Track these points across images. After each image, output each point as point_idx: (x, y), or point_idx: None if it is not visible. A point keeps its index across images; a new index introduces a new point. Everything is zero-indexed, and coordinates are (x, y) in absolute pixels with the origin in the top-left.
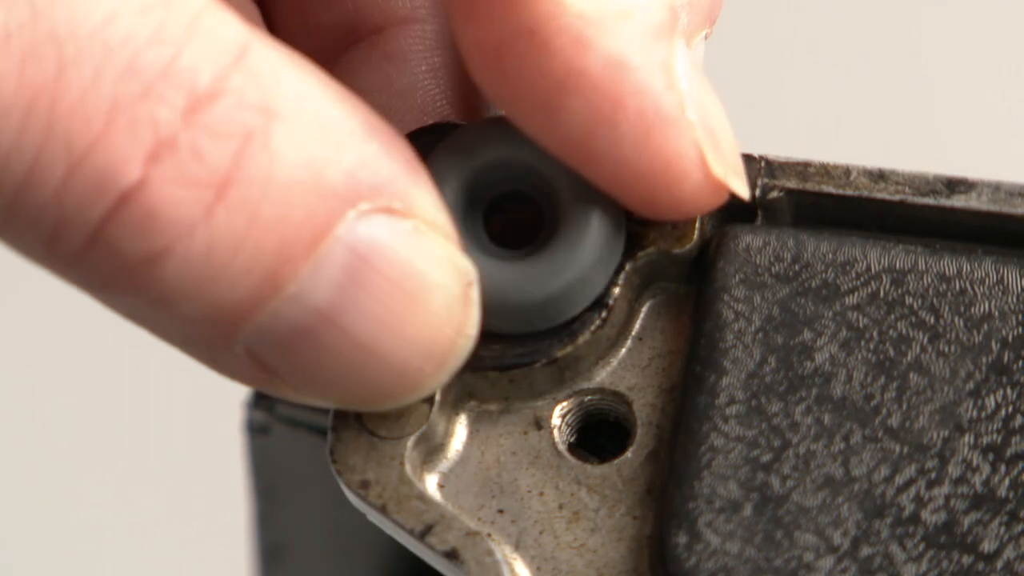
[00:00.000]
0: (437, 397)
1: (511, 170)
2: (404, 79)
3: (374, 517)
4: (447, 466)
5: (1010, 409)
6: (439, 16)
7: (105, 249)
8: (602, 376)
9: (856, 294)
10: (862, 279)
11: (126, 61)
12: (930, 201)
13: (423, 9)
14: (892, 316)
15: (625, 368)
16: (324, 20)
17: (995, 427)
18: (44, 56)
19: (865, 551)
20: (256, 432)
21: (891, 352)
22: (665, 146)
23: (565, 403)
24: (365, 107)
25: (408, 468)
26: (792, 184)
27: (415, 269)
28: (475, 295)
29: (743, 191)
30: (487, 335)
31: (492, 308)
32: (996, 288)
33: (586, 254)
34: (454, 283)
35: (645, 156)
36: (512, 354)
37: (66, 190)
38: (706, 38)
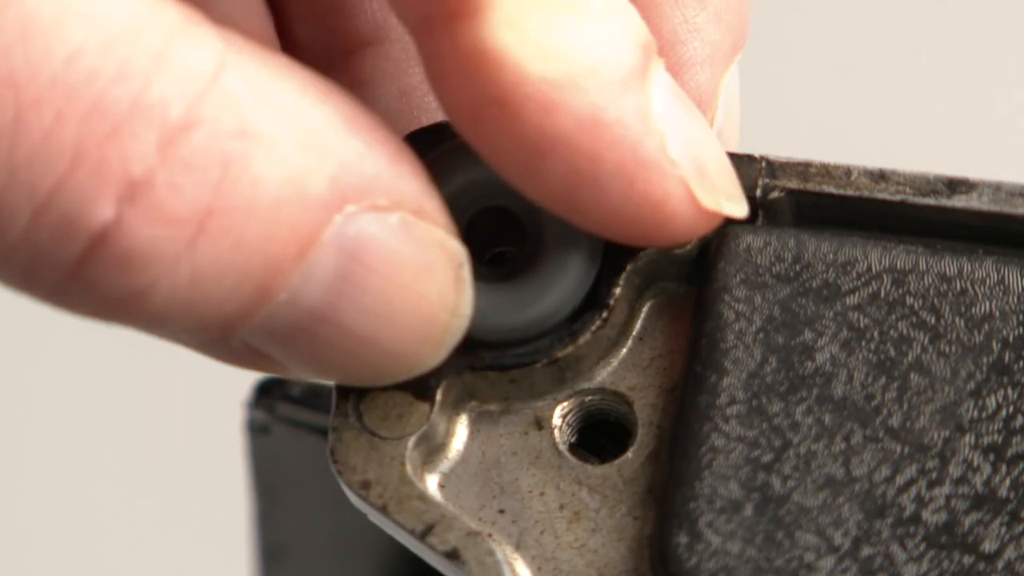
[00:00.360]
0: (438, 397)
1: (490, 188)
2: (375, 104)
3: (375, 517)
4: (448, 466)
5: (1011, 409)
6: (408, 36)
7: (85, 286)
8: (603, 376)
9: (857, 294)
10: (863, 279)
11: (91, 101)
12: (931, 201)
13: (393, 30)
14: (893, 316)
15: (626, 368)
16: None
17: (996, 427)
18: (2, 102)
19: (866, 551)
20: (257, 432)
21: (892, 352)
22: (651, 191)
23: (566, 403)
24: (347, 100)
25: (409, 468)
26: (793, 184)
27: (405, 260)
28: (466, 275)
29: (740, 212)
30: (479, 343)
31: (473, 325)
32: (997, 288)
33: (567, 280)
34: (445, 267)
35: (632, 204)
36: (512, 354)
37: (34, 232)
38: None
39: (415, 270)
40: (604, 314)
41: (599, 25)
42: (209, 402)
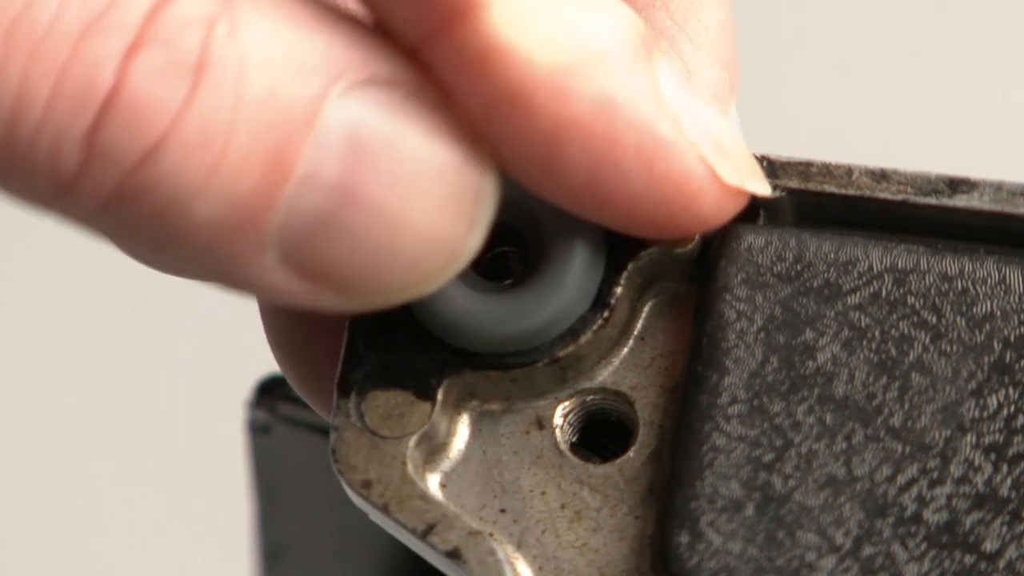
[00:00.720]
0: (439, 397)
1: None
2: None
3: (376, 517)
4: (449, 465)
5: (1012, 409)
6: None
7: (101, 157)
8: (604, 376)
9: (858, 294)
10: (864, 279)
11: None
12: (932, 201)
13: None
14: (894, 316)
15: (627, 368)
16: None
17: (997, 427)
18: None
19: (867, 551)
20: (258, 432)
21: (893, 352)
22: (673, 171)
23: (567, 403)
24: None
25: (410, 467)
26: (794, 184)
27: (420, 130)
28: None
29: (763, 189)
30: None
31: (470, 335)
32: (998, 288)
33: (567, 291)
34: (455, 133)
35: (655, 186)
36: (514, 353)
37: (53, 109)
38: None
39: (431, 140)
40: (605, 313)
41: (599, 14)
42: (210, 401)
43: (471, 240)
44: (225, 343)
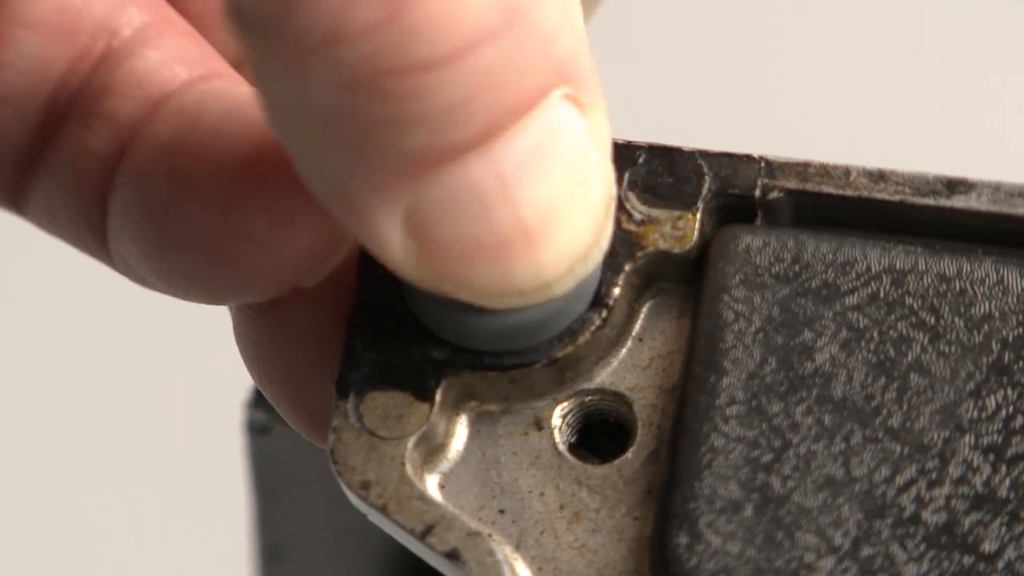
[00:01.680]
0: (438, 397)
1: None
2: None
3: (374, 517)
4: (448, 466)
5: (1010, 409)
6: None
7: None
8: (602, 376)
9: (856, 294)
10: (862, 279)
11: None
12: (930, 201)
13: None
14: (892, 316)
15: (625, 368)
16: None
17: (995, 427)
18: None
19: (866, 551)
20: (257, 432)
21: (891, 352)
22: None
23: (565, 403)
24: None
25: (409, 468)
26: (792, 184)
27: (588, 161)
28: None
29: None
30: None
31: (469, 328)
32: (996, 288)
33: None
34: (610, 180)
35: None
36: (512, 354)
37: None
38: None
39: (593, 173)
40: (603, 314)
41: None
42: (209, 402)
43: (600, 246)
44: (224, 344)
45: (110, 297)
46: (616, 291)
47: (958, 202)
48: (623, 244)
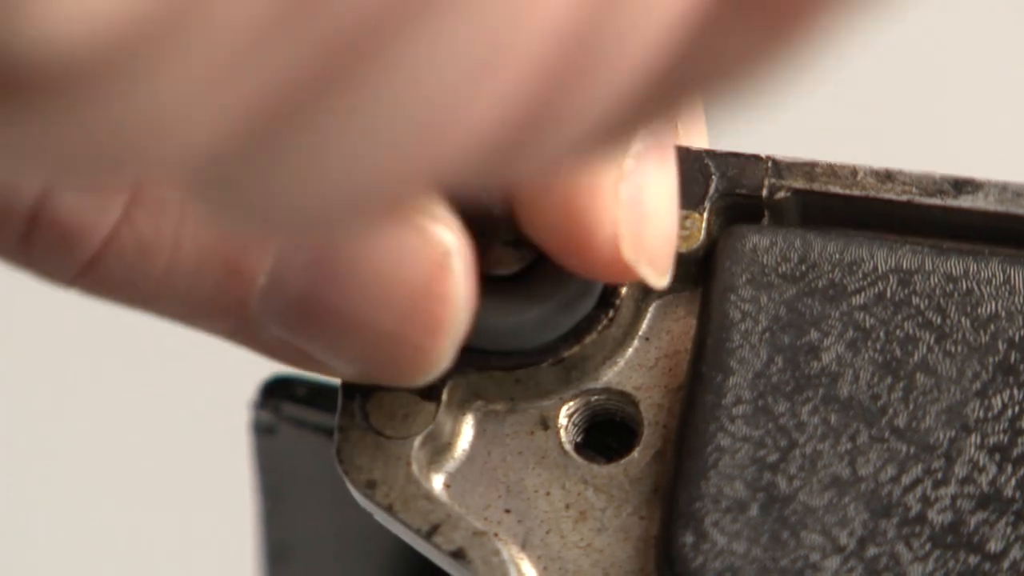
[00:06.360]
0: (444, 397)
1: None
2: None
3: (380, 517)
4: (453, 466)
5: (1017, 409)
6: None
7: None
8: (608, 376)
9: (863, 294)
10: (869, 279)
11: None
12: (937, 201)
13: None
14: (899, 316)
15: (632, 368)
16: None
17: (1002, 427)
18: None
19: (871, 551)
20: (262, 432)
21: (898, 352)
22: (584, 216)
23: (571, 403)
24: None
25: (415, 468)
26: (799, 184)
27: (380, 244)
28: (457, 264)
29: (655, 281)
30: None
31: (474, 326)
32: (1003, 288)
33: (570, 281)
34: (426, 253)
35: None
36: (518, 354)
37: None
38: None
39: (392, 255)
40: (610, 314)
41: None
42: (215, 402)
43: (441, 352)
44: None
45: None
46: (623, 290)
47: (965, 202)
48: None
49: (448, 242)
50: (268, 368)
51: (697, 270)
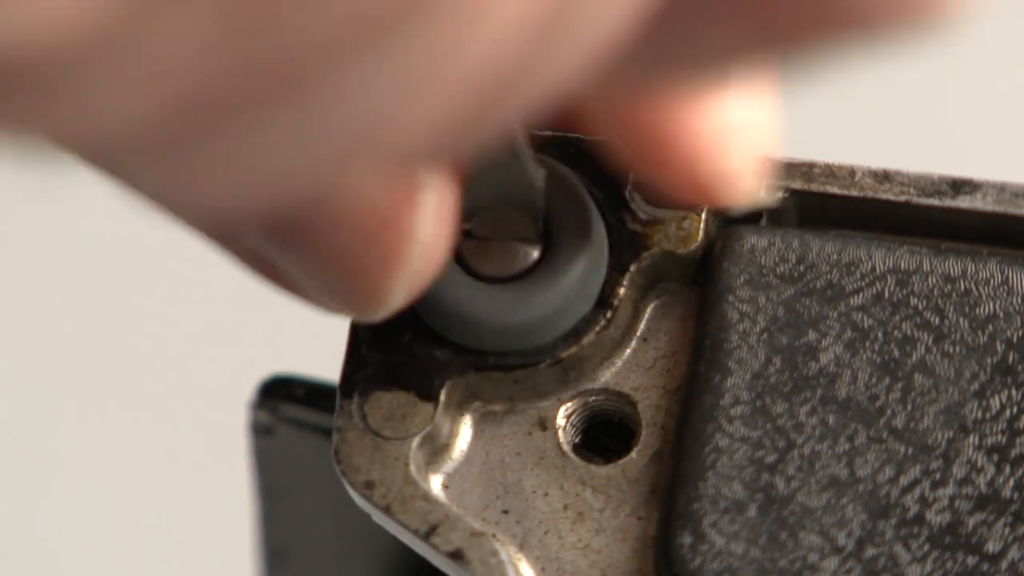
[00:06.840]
0: (442, 398)
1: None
2: None
3: (379, 518)
4: (452, 466)
5: (1015, 410)
6: None
7: None
8: (607, 377)
9: (861, 295)
10: (867, 280)
11: None
12: (935, 202)
13: None
14: (897, 317)
15: (630, 369)
16: None
17: (1000, 428)
18: None
19: (869, 552)
20: (260, 433)
21: (896, 353)
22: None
23: (569, 404)
24: None
25: (413, 468)
26: (797, 185)
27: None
28: (425, 201)
29: (736, 199)
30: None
31: (472, 327)
32: (1001, 289)
33: (570, 280)
34: (400, 183)
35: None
36: (516, 354)
37: None
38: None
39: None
40: (608, 314)
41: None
42: (213, 403)
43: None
44: (228, 344)
45: (115, 298)
46: (621, 291)
47: (963, 203)
48: (628, 244)
49: (421, 180)
50: (267, 369)
51: (695, 271)
